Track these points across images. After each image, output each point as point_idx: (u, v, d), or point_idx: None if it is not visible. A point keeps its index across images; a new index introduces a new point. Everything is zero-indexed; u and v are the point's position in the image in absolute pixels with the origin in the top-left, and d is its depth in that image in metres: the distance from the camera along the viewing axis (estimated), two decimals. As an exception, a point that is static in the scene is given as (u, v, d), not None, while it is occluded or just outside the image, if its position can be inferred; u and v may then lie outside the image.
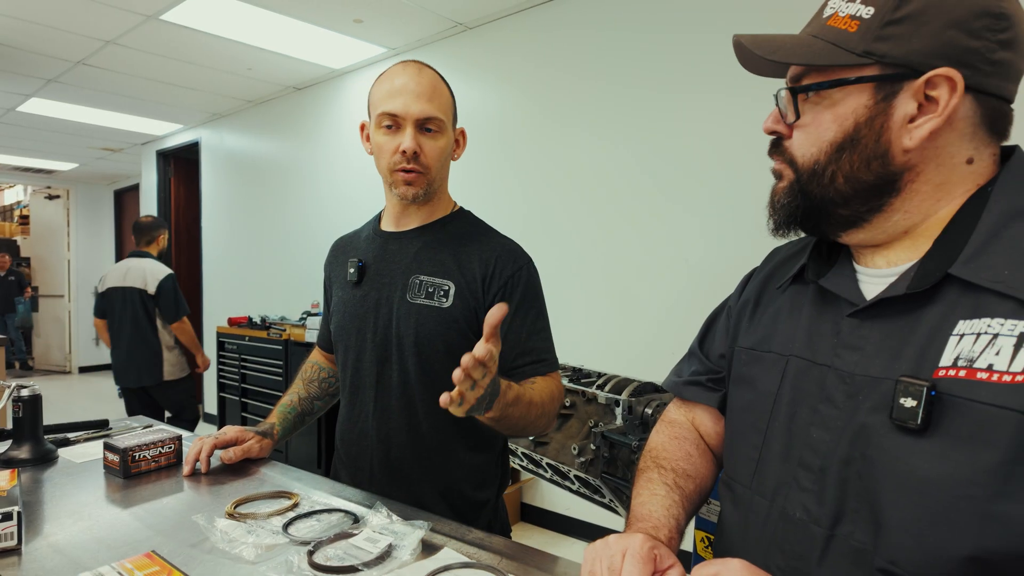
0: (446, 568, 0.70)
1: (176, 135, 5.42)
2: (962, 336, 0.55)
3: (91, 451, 1.18)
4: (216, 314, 4.95)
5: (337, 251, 1.24)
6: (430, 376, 1.04)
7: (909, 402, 0.55)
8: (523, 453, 1.72)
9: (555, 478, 1.67)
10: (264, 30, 3.22)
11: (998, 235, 0.57)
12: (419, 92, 1.02)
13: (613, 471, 1.47)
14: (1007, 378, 0.51)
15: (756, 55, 0.64)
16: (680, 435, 0.83)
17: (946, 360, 0.55)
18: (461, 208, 1.15)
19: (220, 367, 4.27)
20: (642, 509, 0.73)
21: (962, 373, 0.53)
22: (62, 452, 1.17)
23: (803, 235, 0.72)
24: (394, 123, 1.03)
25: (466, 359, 0.70)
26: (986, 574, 0.50)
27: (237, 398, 4.11)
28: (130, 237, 7.26)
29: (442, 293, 1.03)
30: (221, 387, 4.27)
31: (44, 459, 1.12)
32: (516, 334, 1.03)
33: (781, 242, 0.77)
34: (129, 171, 6.95)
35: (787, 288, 0.74)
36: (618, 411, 1.50)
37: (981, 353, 0.53)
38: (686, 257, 2.53)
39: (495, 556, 0.74)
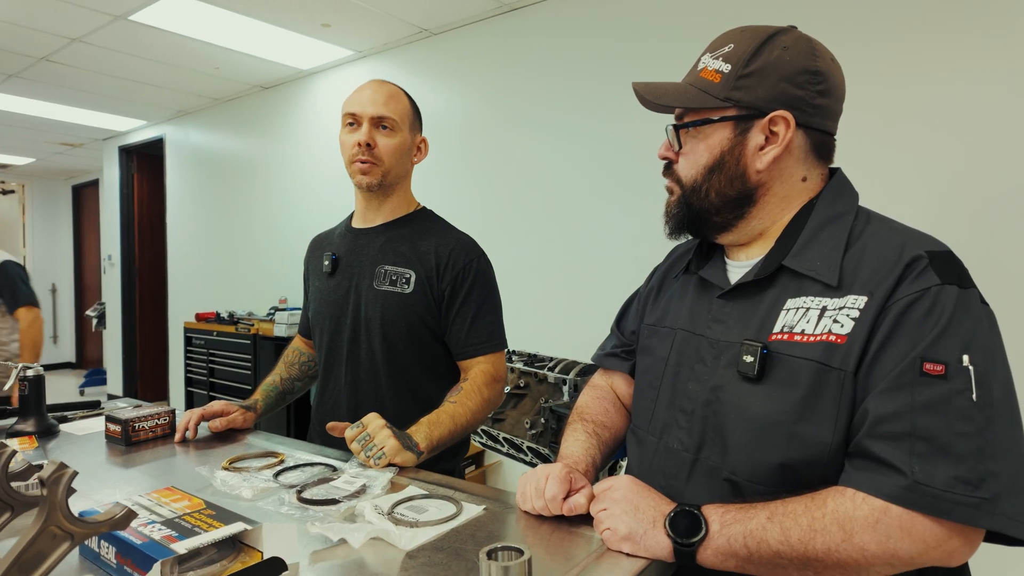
0: (410, 498, 0.88)
1: (139, 131, 5.41)
2: (788, 310, 0.75)
3: (89, 426, 1.31)
4: (182, 310, 4.99)
5: (314, 247, 1.40)
6: (394, 353, 1.22)
7: (749, 358, 0.75)
8: (482, 430, 1.90)
9: (511, 451, 1.86)
10: (233, 32, 3.31)
11: (816, 236, 0.77)
12: (374, 98, 1.22)
13: (559, 441, 1.67)
14: (811, 339, 0.71)
15: (648, 99, 0.83)
16: (601, 396, 1.03)
17: (777, 328, 0.75)
18: (423, 207, 1.33)
19: (188, 362, 4.33)
20: (566, 450, 0.92)
21: (785, 336, 0.74)
22: (62, 427, 1.30)
23: (691, 237, 0.92)
24: (354, 120, 1.22)
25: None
26: (791, 475, 0.70)
27: (205, 392, 4.18)
28: (91, 233, 7.17)
29: (404, 280, 1.21)
30: (188, 381, 4.33)
31: (48, 432, 1.25)
32: (463, 319, 1.22)
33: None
34: (88, 166, 6.85)
35: (680, 277, 0.94)
36: (565, 388, 1.70)
37: (798, 321, 0.74)
38: (636, 255, 2.76)
39: (450, 489, 0.92)
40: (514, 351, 2.09)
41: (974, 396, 0.62)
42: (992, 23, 1.82)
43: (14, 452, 0.55)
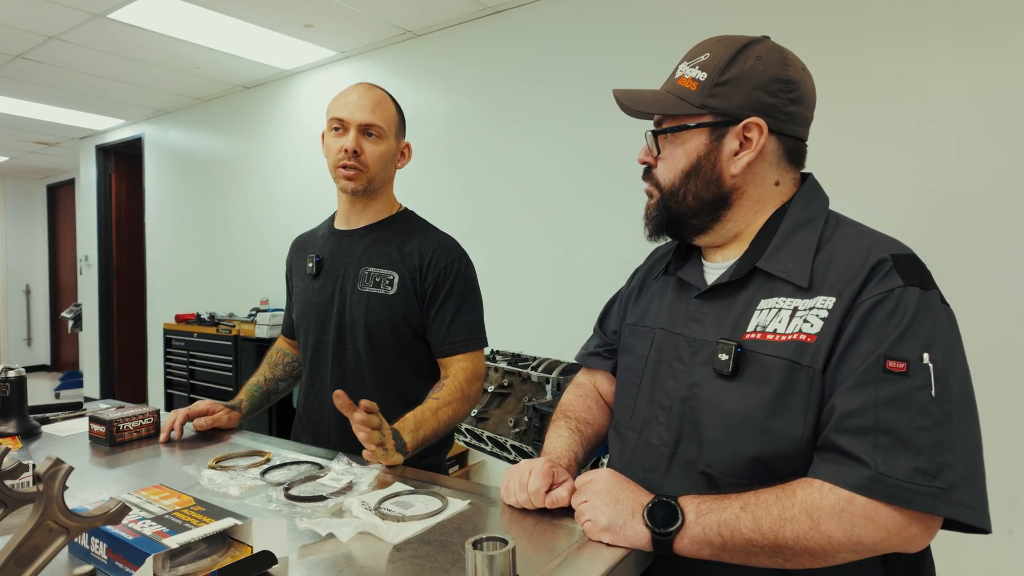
0: (396, 494, 0.89)
1: (117, 130, 5.33)
2: (762, 310, 0.79)
3: (72, 427, 1.31)
4: (162, 311, 4.93)
5: (297, 248, 1.41)
6: (378, 353, 1.24)
7: (724, 356, 0.78)
8: (466, 429, 1.92)
9: (495, 450, 1.88)
10: (215, 31, 3.29)
11: (789, 239, 0.81)
12: (363, 104, 1.23)
13: (543, 439, 1.69)
14: (783, 338, 0.75)
15: (628, 106, 0.86)
16: (584, 394, 1.05)
17: (751, 327, 0.78)
18: (406, 209, 1.35)
19: (167, 364, 4.28)
20: (550, 446, 0.95)
21: (758, 335, 0.77)
22: (44, 429, 1.30)
23: (670, 240, 0.95)
24: (341, 126, 1.23)
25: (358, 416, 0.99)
26: (763, 468, 0.73)
27: (185, 394, 4.14)
28: (67, 233, 7.05)
29: (388, 282, 1.23)
30: (168, 384, 4.28)
31: (30, 433, 1.24)
32: (444, 317, 1.24)
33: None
34: (64, 165, 6.73)
35: (659, 278, 0.97)
36: (548, 387, 1.73)
37: (770, 321, 0.77)
38: (618, 255, 2.80)
39: (435, 486, 0.94)
40: (498, 351, 2.11)
41: (933, 392, 0.66)
42: (985, 25, 1.88)
43: (7, 450, 0.56)
